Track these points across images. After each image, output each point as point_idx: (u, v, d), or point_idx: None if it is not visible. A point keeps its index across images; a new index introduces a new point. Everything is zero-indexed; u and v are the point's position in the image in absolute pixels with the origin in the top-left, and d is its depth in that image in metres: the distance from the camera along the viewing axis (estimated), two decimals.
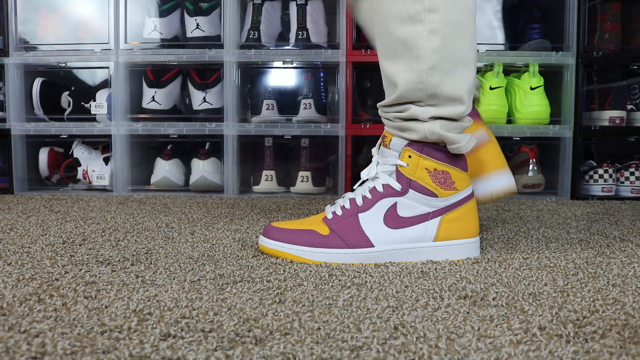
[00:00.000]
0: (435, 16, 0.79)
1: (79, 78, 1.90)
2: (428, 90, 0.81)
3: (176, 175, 1.72)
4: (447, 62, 0.80)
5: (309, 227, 0.85)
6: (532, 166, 1.69)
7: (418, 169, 0.84)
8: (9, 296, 0.64)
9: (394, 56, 0.82)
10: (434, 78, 0.80)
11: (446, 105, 0.82)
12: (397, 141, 0.84)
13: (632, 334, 0.53)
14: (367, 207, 0.84)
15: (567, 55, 1.65)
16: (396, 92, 0.82)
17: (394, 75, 0.82)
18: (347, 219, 0.84)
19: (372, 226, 0.83)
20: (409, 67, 0.81)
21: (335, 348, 0.50)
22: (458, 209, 0.85)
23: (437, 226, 0.84)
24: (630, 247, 0.95)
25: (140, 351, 0.48)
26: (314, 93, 1.74)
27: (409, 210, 0.84)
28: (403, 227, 0.84)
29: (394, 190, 0.84)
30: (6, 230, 1.07)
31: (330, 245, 0.83)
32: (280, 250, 0.84)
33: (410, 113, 0.82)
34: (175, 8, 1.74)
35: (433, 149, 0.84)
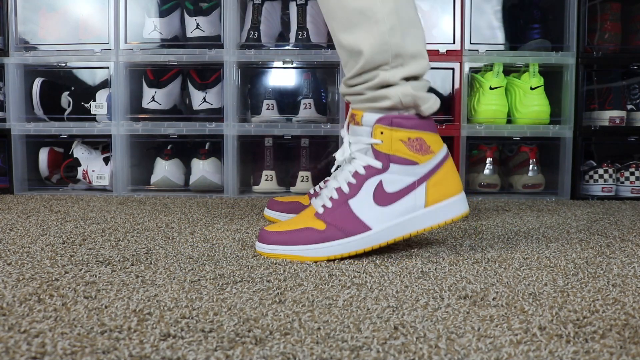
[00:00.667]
0: None
1: (79, 78, 1.90)
2: (392, 50, 0.84)
3: (176, 175, 1.72)
4: (402, 22, 0.84)
5: (304, 226, 0.85)
6: (532, 166, 1.69)
7: (393, 142, 0.85)
8: (9, 296, 0.64)
9: (353, 27, 0.85)
10: (395, 38, 0.84)
11: (411, 63, 0.85)
12: (369, 116, 0.86)
13: (632, 334, 0.53)
14: (355, 192, 0.85)
15: (567, 55, 1.65)
16: (362, 59, 0.84)
17: (356, 44, 0.84)
18: (339, 208, 0.85)
19: (364, 209, 0.84)
20: (370, 32, 0.84)
21: (335, 348, 0.50)
22: (439, 171, 0.88)
23: (424, 192, 0.86)
24: (630, 247, 0.95)
25: (140, 351, 0.48)
26: (314, 93, 1.74)
27: (395, 185, 0.85)
28: (393, 202, 0.85)
29: (375, 169, 0.85)
30: (6, 230, 1.07)
31: (330, 238, 0.83)
32: (281, 254, 0.84)
33: (380, 79, 0.84)
34: (175, 8, 1.74)
35: (402, 119, 0.85)
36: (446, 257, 0.86)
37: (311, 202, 0.89)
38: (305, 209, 0.90)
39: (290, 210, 1.17)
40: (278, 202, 1.19)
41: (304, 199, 1.18)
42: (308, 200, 1.17)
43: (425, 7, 1.71)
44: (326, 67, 1.77)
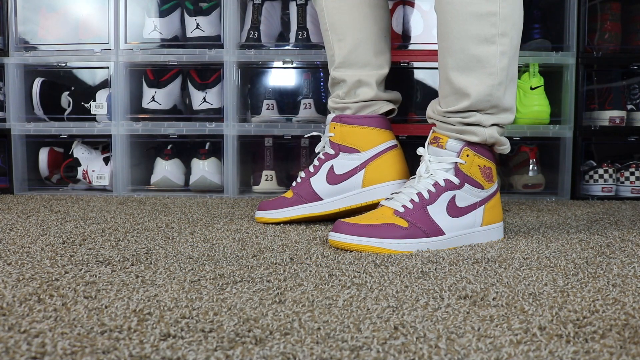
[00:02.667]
0: (506, 40, 0.94)
1: (79, 78, 1.90)
2: (493, 102, 0.96)
3: (176, 175, 1.72)
4: (508, 79, 0.97)
5: (386, 222, 0.92)
6: (532, 166, 1.69)
7: (472, 166, 0.97)
8: (9, 296, 0.64)
9: (467, 70, 0.95)
10: (499, 92, 0.96)
11: (502, 114, 0.98)
12: (454, 143, 0.97)
13: (632, 334, 0.53)
14: (433, 200, 0.95)
15: (567, 55, 1.65)
16: (468, 101, 0.95)
17: (466, 87, 0.95)
18: (419, 211, 0.93)
19: (439, 216, 0.94)
20: (481, 81, 0.95)
21: (335, 348, 0.50)
22: (494, 198, 1.01)
23: (482, 213, 0.99)
24: (630, 247, 0.95)
25: (140, 351, 0.48)
26: (314, 93, 1.74)
27: (464, 201, 0.97)
28: (461, 216, 0.96)
29: (453, 184, 0.96)
30: (6, 230, 1.07)
31: (413, 236, 0.91)
32: (364, 245, 0.90)
33: (475, 119, 0.96)
34: (175, 8, 1.74)
35: (484, 149, 0.98)
36: (446, 257, 0.86)
37: (382, 202, 0.98)
38: (375, 209, 0.98)
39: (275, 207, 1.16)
40: (266, 202, 1.18)
41: (288, 193, 1.17)
42: (291, 193, 1.16)
43: (426, 7, 1.71)
44: (326, 67, 1.77)
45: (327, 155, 1.15)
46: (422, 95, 1.80)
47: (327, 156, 1.15)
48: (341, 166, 1.13)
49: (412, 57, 1.66)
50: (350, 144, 1.13)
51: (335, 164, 1.13)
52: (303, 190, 1.14)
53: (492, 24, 0.93)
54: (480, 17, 0.93)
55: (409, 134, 1.61)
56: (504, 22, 0.94)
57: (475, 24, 0.93)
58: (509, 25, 0.94)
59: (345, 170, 1.13)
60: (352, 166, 1.13)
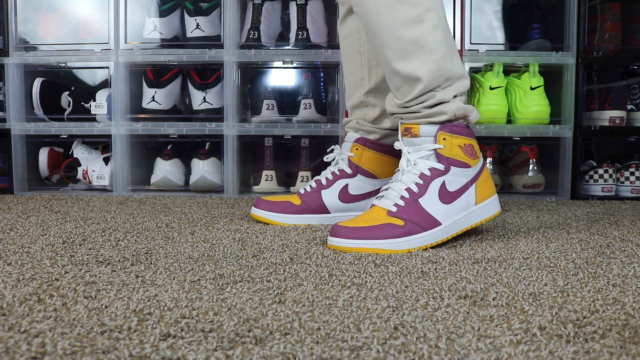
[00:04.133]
0: (432, 14, 0.94)
1: (79, 78, 1.90)
2: (445, 75, 0.95)
3: (176, 175, 1.72)
4: (449, 48, 0.96)
5: (382, 222, 0.91)
6: (532, 166, 1.69)
7: (452, 147, 0.96)
8: (9, 296, 0.64)
9: (408, 55, 0.95)
10: (447, 63, 0.95)
11: (458, 83, 0.97)
12: (427, 128, 0.96)
13: (632, 334, 0.53)
14: (423, 191, 0.94)
15: (567, 55, 1.65)
16: (421, 85, 0.95)
17: (414, 72, 0.95)
18: (411, 206, 0.93)
19: (433, 206, 0.94)
20: (426, 61, 0.94)
21: (335, 348, 0.50)
22: (483, 173, 1.00)
23: (474, 192, 0.98)
24: (630, 247, 0.95)
25: (140, 351, 0.49)
26: (314, 93, 1.74)
27: (455, 185, 0.96)
28: (454, 201, 0.95)
29: (439, 170, 0.95)
30: (6, 230, 1.07)
31: (411, 232, 0.91)
32: (364, 247, 0.89)
33: (436, 99, 0.95)
34: (175, 8, 1.74)
35: (459, 127, 0.97)
36: (446, 257, 0.86)
37: (374, 202, 0.97)
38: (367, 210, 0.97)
39: (279, 210, 1.15)
40: (267, 201, 1.17)
41: (294, 198, 1.17)
42: (299, 200, 1.16)
43: None
44: (326, 67, 1.77)
45: (343, 173, 1.17)
46: None
47: (343, 174, 1.17)
48: (357, 187, 1.16)
49: None
50: (369, 169, 1.16)
51: (351, 184, 1.16)
52: (312, 201, 1.15)
53: (414, 3, 0.93)
54: (402, 2, 0.93)
55: None
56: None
57: (399, 9, 0.93)
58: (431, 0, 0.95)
59: (360, 192, 1.16)
60: (367, 190, 1.17)
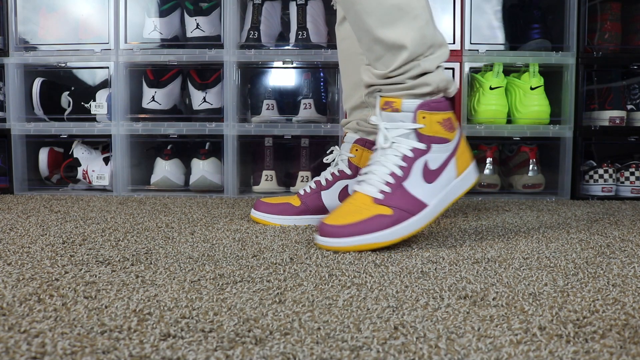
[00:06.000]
0: None
1: (79, 78, 1.90)
2: (429, 42, 0.92)
3: (176, 175, 1.72)
4: (430, 15, 0.94)
5: (371, 214, 0.88)
6: (532, 166, 1.69)
7: (432, 125, 0.93)
8: (9, 296, 0.64)
9: (393, 22, 0.91)
10: (430, 30, 0.93)
11: (439, 51, 0.94)
12: (409, 102, 0.92)
13: (632, 334, 0.53)
14: (407, 174, 0.91)
15: (567, 55, 1.65)
16: (406, 52, 0.91)
17: (398, 39, 0.91)
18: (397, 191, 0.90)
19: (418, 188, 0.91)
20: (410, 27, 0.91)
21: (335, 348, 0.50)
22: (461, 143, 0.98)
23: (455, 164, 0.96)
24: (630, 247, 0.95)
25: (140, 351, 0.48)
26: (314, 93, 1.74)
27: (437, 162, 0.94)
28: (437, 178, 0.93)
29: (421, 150, 0.92)
30: (6, 230, 1.07)
31: (400, 220, 0.89)
32: (358, 245, 0.87)
33: (421, 69, 0.92)
34: (175, 8, 1.74)
35: (437, 103, 0.94)
36: (446, 257, 0.86)
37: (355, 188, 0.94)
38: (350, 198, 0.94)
39: (279, 212, 1.15)
40: (266, 203, 1.17)
41: (294, 199, 1.17)
42: (298, 201, 1.16)
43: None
44: (325, 67, 1.77)
45: (342, 174, 1.15)
46: None
47: (343, 175, 1.15)
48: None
49: None
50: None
51: (351, 185, 1.14)
52: (312, 202, 1.15)
53: None
54: None
55: None
56: None
57: None
58: None
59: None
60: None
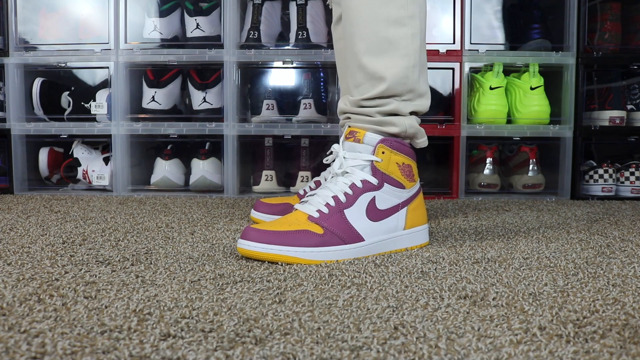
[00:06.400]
0: (415, 22, 0.91)
1: (79, 78, 1.90)
2: (410, 85, 0.92)
3: (176, 175, 1.72)
4: (422, 62, 0.93)
5: (300, 228, 0.84)
6: (532, 166, 1.69)
7: (390, 163, 0.91)
8: (9, 296, 0.64)
9: (380, 53, 0.91)
10: (415, 75, 0.92)
11: (418, 100, 0.94)
12: (372, 136, 0.91)
13: (632, 334, 0.53)
14: (351, 202, 0.88)
15: (567, 55, 1.65)
16: (384, 85, 0.90)
17: (380, 70, 0.90)
18: (335, 215, 0.86)
19: (358, 221, 0.87)
20: (396, 63, 0.90)
21: (335, 348, 0.50)
22: (417, 199, 0.95)
23: (405, 216, 0.93)
24: (630, 247, 0.95)
25: (140, 351, 0.49)
26: (314, 93, 1.74)
27: (385, 203, 0.91)
28: (381, 220, 0.90)
29: (372, 185, 0.90)
30: (6, 230, 1.07)
31: (329, 243, 0.84)
32: (277, 254, 0.81)
33: (392, 107, 0.91)
34: (175, 8, 1.74)
35: (401, 145, 0.92)
36: (446, 257, 0.86)
37: (296, 206, 0.89)
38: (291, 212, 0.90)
39: (279, 212, 1.15)
40: (266, 204, 1.17)
41: (294, 199, 1.17)
42: (298, 201, 1.16)
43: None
44: (326, 67, 1.77)
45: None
46: None
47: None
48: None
49: None
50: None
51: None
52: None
53: (401, 5, 0.90)
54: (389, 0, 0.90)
55: None
56: (412, 5, 0.91)
57: (384, 6, 0.90)
58: (417, 7, 0.92)
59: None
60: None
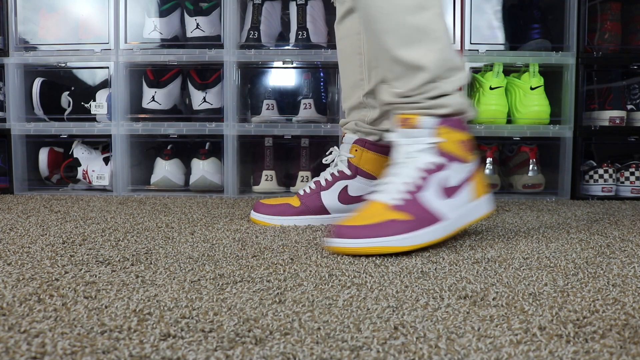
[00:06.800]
0: (435, 1, 0.91)
1: (79, 78, 1.90)
2: (448, 65, 0.92)
3: (176, 175, 1.72)
4: (449, 38, 0.94)
5: (386, 218, 0.87)
6: (532, 166, 1.69)
7: (452, 142, 0.93)
8: (9, 296, 0.64)
9: (413, 43, 0.91)
10: (450, 53, 0.93)
11: (458, 75, 0.94)
12: (427, 120, 0.92)
13: (632, 334, 0.53)
14: (425, 185, 0.91)
15: (567, 55, 1.65)
16: (426, 73, 0.91)
17: (418, 60, 0.91)
18: (414, 200, 0.89)
19: (437, 200, 0.90)
20: (431, 49, 0.91)
21: (335, 348, 0.50)
22: (478, 171, 0.98)
23: (471, 188, 0.95)
24: (630, 247, 0.95)
25: (140, 351, 0.48)
26: (314, 93, 1.74)
27: (455, 180, 0.93)
28: (454, 195, 0.92)
29: (440, 164, 0.92)
30: (6, 230, 1.07)
31: (418, 227, 0.87)
32: (373, 246, 0.85)
33: (440, 91, 0.92)
34: (175, 8, 1.74)
35: (459, 123, 0.94)
36: (446, 257, 0.86)
37: (369, 197, 0.94)
38: (363, 207, 0.92)
39: (278, 213, 1.15)
40: (265, 204, 1.17)
41: (293, 200, 1.17)
42: (298, 202, 1.16)
43: None
44: (326, 67, 1.77)
45: (342, 174, 1.17)
46: None
47: (343, 175, 1.16)
48: (356, 189, 1.16)
49: None
50: (368, 170, 1.16)
51: (351, 185, 1.16)
52: (311, 202, 1.15)
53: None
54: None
55: None
56: None
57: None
58: None
59: (359, 193, 1.16)
60: (367, 191, 1.15)
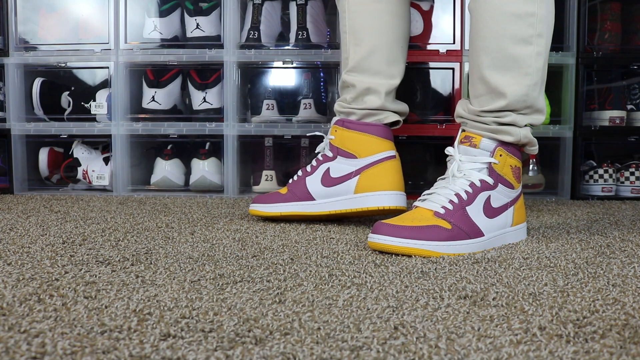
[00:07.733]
0: (542, 41, 0.96)
1: (79, 78, 1.90)
2: (529, 102, 0.98)
3: (176, 175, 1.72)
4: (542, 80, 0.99)
5: (429, 223, 0.89)
6: (532, 166, 1.69)
7: (505, 165, 0.97)
8: (9, 296, 0.64)
9: (504, 69, 0.96)
10: (535, 92, 0.98)
11: (535, 115, 1.00)
12: (488, 142, 0.97)
13: (632, 334, 0.53)
14: (471, 200, 0.93)
15: (567, 55, 1.65)
16: (504, 101, 0.96)
17: (502, 86, 0.96)
18: (458, 212, 0.92)
19: (478, 217, 0.93)
20: (517, 81, 0.96)
21: (335, 348, 0.50)
22: (521, 198, 1.02)
23: (512, 213, 0.99)
24: (630, 247, 0.95)
25: (140, 351, 0.49)
26: (314, 93, 1.74)
27: (498, 202, 0.96)
28: (495, 217, 0.96)
29: (488, 184, 0.95)
30: (6, 230, 1.07)
31: (457, 237, 0.89)
32: (411, 247, 0.87)
33: (510, 119, 0.97)
34: (175, 8, 1.74)
35: (515, 149, 0.99)
36: (446, 257, 0.86)
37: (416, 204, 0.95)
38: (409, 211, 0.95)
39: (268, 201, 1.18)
40: (260, 196, 1.21)
41: (283, 189, 1.19)
42: (286, 189, 1.18)
43: (425, 7, 1.71)
44: (326, 67, 1.77)
45: (325, 157, 1.16)
46: (421, 96, 1.80)
47: (325, 158, 1.16)
48: (337, 170, 1.14)
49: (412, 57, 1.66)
50: (348, 149, 1.14)
51: (332, 167, 1.14)
52: (297, 189, 1.16)
53: (530, 24, 0.95)
54: (519, 17, 0.95)
55: (409, 134, 1.61)
56: (541, 24, 0.95)
57: (514, 23, 0.95)
58: (545, 26, 0.96)
59: (340, 174, 1.14)
60: (348, 171, 1.13)
